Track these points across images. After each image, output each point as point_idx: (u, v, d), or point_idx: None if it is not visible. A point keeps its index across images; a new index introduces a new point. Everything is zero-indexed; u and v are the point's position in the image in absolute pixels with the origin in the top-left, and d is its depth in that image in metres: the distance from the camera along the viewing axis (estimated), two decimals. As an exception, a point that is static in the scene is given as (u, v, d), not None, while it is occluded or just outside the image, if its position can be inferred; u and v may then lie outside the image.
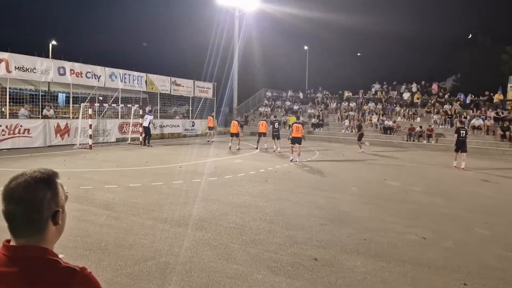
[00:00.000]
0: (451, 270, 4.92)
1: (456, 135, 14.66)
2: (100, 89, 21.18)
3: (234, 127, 18.74)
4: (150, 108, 22.97)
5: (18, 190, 1.23)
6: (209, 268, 4.74)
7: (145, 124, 19.20)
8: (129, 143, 20.14)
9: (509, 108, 25.18)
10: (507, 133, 22.00)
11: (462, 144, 14.37)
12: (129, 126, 21.15)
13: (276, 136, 17.94)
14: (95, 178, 10.26)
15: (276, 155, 17.02)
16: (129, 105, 21.10)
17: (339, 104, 31.90)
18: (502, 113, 24.32)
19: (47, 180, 1.28)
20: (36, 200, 1.23)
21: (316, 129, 28.47)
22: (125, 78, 21.87)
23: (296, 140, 15.06)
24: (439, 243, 5.93)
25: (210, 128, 22.88)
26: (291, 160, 14.77)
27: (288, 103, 34.67)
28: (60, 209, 1.30)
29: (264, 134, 19.03)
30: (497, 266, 5.09)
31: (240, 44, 33.05)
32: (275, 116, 26.93)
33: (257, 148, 19.28)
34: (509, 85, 28.02)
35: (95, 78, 20.06)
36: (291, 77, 46.48)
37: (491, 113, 24.37)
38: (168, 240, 5.68)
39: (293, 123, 16.74)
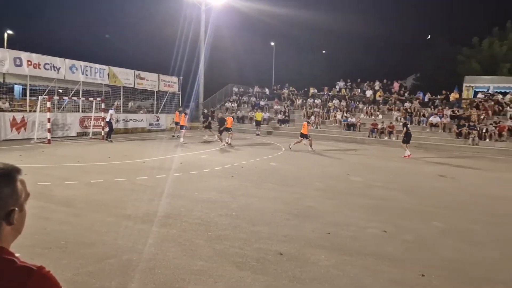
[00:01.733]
0: (410, 262, 5.10)
1: (405, 129, 17.40)
2: (59, 82, 20.39)
3: (229, 122, 19.50)
4: (118, 103, 22.37)
5: None
6: (174, 264, 4.68)
7: (107, 118, 18.69)
8: (90, 138, 19.52)
9: (464, 106, 26.36)
10: (462, 130, 23.03)
11: (410, 136, 17.63)
12: (90, 120, 20.48)
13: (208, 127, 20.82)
14: (54, 174, 9.89)
15: (235, 149, 17.03)
16: (91, 99, 20.43)
17: (304, 101, 32.28)
18: (458, 111, 25.43)
19: (6, 176, 1.21)
20: None
21: (282, 125, 28.70)
22: (86, 70, 21.15)
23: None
24: (399, 237, 6.14)
25: (176, 123, 22.49)
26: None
27: (254, 98, 34.73)
28: (17, 208, 1.22)
29: (229, 129, 19.52)
30: (453, 258, 5.33)
31: (207, 38, 32.72)
32: (213, 111, 26.66)
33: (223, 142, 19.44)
34: (464, 84, 29.34)
35: (54, 70, 19.28)
36: (258, 73, 46.52)
37: (448, 111, 25.45)
38: (131, 237, 5.56)
39: (221, 117, 20.07)
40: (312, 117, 28.23)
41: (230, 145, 18.58)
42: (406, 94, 30.19)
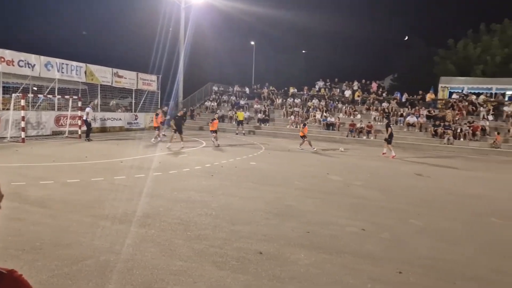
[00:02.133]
0: (387, 260, 5.18)
1: (390, 129, 17.22)
2: (34, 79, 19.85)
3: (214, 125, 19.06)
4: (94, 102, 21.94)
5: None
6: (152, 265, 4.63)
7: (84, 117, 18.33)
8: (66, 137, 19.10)
9: (440, 107, 26.98)
10: (438, 130, 23.57)
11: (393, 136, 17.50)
12: (66, 118, 20.03)
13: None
14: (28, 173, 9.63)
15: (215, 149, 16.97)
16: (67, 97, 19.98)
17: (284, 100, 32.42)
18: (434, 111, 26.02)
19: None
20: None
21: (262, 124, 28.74)
22: (62, 68, 20.66)
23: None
24: (377, 235, 6.23)
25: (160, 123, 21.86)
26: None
27: (234, 98, 34.67)
28: None
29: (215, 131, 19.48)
30: (429, 255, 5.44)
31: (187, 37, 32.44)
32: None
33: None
34: (440, 85, 30.01)
35: (29, 67, 18.76)
36: (238, 72, 46.43)
37: (424, 111, 25.99)
38: (109, 237, 5.46)
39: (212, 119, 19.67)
40: (292, 117, 28.39)
41: (218, 146, 18.01)
42: (384, 94, 30.67)
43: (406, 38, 45.42)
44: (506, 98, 27.30)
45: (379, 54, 53.63)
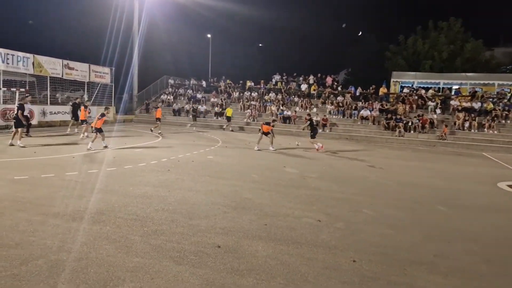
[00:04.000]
0: (342, 249, 5.37)
1: (308, 123, 17.84)
2: (-25, 70, 18.65)
3: (158, 113, 20.97)
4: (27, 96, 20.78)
5: None
6: (108, 262, 4.52)
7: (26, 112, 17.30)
8: (13, 131, 18.07)
9: (392, 100, 28.07)
10: (390, 123, 24.52)
11: (317, 131, 17.92)
12: (13, 112, 18.93)
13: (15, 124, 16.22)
14: (-29, 171, 9.06)
15: (172, 143, 16.76)
16: (13, 89, 18.91)
17: (241, 94, 32.44)
18: (386, 105, 27.02)
19: None
20: None
21: (219, 118, 28.63)
22: (7, 58, 19.54)
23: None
24: (332, 225, 6.42)
25: (157, 120, 20.94)
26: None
27: (190, 91, 34.26)
28: None
29: (159, 120, 20.97)
30: (381, 243, 5.69)
31: (141, 29, 31.59)
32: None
33: (159, 133, 20.11)
34: (392, 80, 31.19)
35: (-31, 57, 17.59)
36: (194, 65, 45.93)
37: (377, 105, 26.93)
38: (60, 236, 5.27)
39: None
40: (249, 110, 28.47)
41: (160, 134, 19.63)
42: (339, 88, 31.45)
43: (360, 33, 46.73)
44: (453, 92, 28.83)
45: (334, 49, 54.88)
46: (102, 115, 14.01)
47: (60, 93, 24.76)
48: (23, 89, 19.02)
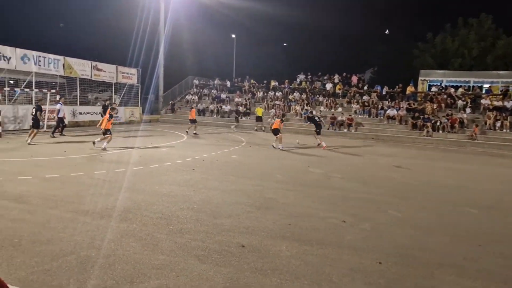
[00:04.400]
0: (367, 251, 5.29)
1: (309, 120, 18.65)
2: (10, 72, 19.35)
3: (192, 114, 20.91)
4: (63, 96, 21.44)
5: None
6: (134, 260, 4.62)
7: (60, 114, 17.87)
8: (45, 131, 18.70)
9: (419, 99, 27.46)
10: (417, 122, 24.01)
11: (321, 127, 18.37)
12: (45, 112, 19.59)
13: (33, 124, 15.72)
14: (5, 169, 9.42)
15: (196, 142, 16.91)
16: (45, 90, 19.55)
17: (265, 93, 32.45)
18: (413, 104, 26.46)
19: None
20: None
21: (243, 118, 28.73)
22: (39, 61, 20.21)
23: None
24: (357, 226, 6.34)
25: (191, 121, 20.90)
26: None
27: (215, 91, 34.52)
28: None
29: (194, 121, 20.71)
30: (408, 245, 5.58)
31: (167, 30, 32.07)
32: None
33: (194, 134, 20.24)
34: (419, 78, 30.54)
35: (4, 60, 18.29)
36: (218, 65, 46.20)
37: (404, 104, 26.41)
38: (89, 233, 5.42)
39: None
40: (273, 110, 28.44)
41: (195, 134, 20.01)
42: (364, 87, 31.01)
43: (387, 32, 45.89)
44: (483, 91, 27.97)
45: (360, 48, 54.02)
46: (111, 116, 14.19)
47: (90, 94, 25.47)
48: (53, 90, 19.67)
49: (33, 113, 14.73)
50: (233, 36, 50.71)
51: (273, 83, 33.81)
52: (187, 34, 43.04)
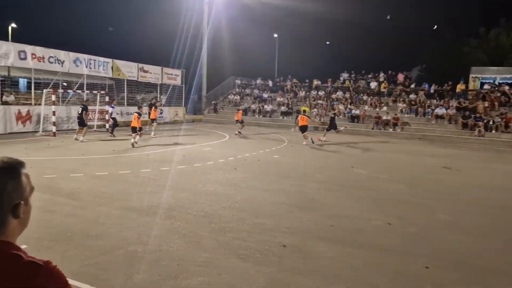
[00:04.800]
0: (414, 255, 5.11)
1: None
2: (64, 75, 20.40)
3: (239, 115, 21.16)
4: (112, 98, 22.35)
5: None
6: (178, 256, 4.72)
7: (111, 115, 18.69)
8: (94, 131, 19.60)
9: (470, 98, 26.17)
10: (468, 122, 22.90)
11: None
12: (94, 113, 20.55)
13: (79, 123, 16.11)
14: (59, 166, 9.95)
15: (238, 142, 17.03)
16: (95, 92, 20.47)
17: (308, 93, 32.18)
18: (464, 102, 25.25)
19: (11, 170, 1.21)
20: None
21: (285, 117, 28.64)
22: (90, 63, 21.17)
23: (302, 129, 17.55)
24: (403, 229, 6.15)
25: (238, 122, 21.28)
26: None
27: (257, 91, 34.65)
28: (22, 202, 1.23)
29: (241, 122, 20.97)
30: (457, 250, 5.33)
31: (209, 30, 32.59)
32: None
33: (238, 133, 20.29)
34: (471, 76, 29.12)
35: (59, 63, 19.31)
36: (260, 65, 46.37)
37: (454, 103, 25.28)
38: (136, 229, 5.61)
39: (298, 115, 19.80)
40: (316, 109, 28.15)
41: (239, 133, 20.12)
42: (411, 85, 29.98)
43: (435, 27, 44.14)
44: (540, 89, 26.22)
45: (406, 44, 52.30)
46: (139, 114, 15.00)
47: (137, 95, 26.39)
48: (103, 92, 20.53)
49: (79, 112, 15.59)
50: (275, 35, 50.71)
51: (315, 82, 33.45)
52: (229, 35, 43.50)
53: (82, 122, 15.58)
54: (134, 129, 14.56)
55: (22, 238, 1.27)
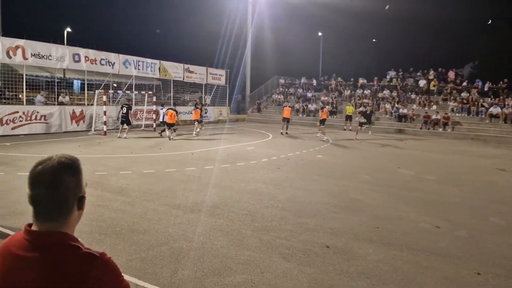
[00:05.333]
0: (464, 260, 4.88)
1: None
2: (114, 76, 21.29)
3: (286, 112, 20.94)
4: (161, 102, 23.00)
5: (46, 174, 1.24)
6: (222, 254, 4.79)
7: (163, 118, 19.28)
8: (142, 130, 20.30)
9: (528, 96, 24.58)
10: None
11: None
12: (143, 113, 21.30)
13: (125, 121, 16.77)
14: (109, 164, 10.39)
15: (281, 141, 16.98)
16: (143, 92, 21.20)
17: (353, 92, 31.55)
18: (522, 101, 23.75)
19: (73, 166, 1.30)
20: (64, 184, 1.25)
21: (329, 117, 28.22)
22: (138, 65, 21.94)
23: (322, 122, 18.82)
24: (452, 232, 5.88)
25: (285, 119, 21.09)
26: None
27: (301, 90, 34.42)
28: (85, 195, 1.32)
29: (288, 120, 20.79)
30: (511, 256, 5.04)
31: (253, 30, 32.77)
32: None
33: (282, 133, 20.39)
34: (529, 72, 27.32)
35: (109, 65, 20.17)
36: (304, 64, 46.03)
37: (510, 101, 23.83)
38: (181, 225, 5.75)
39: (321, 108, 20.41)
40: (361, 108, 27.54)
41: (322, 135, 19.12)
42: (463, 83, 28.60)
43: (489, 22, 41.85)
44: None
45: (458, 40, 49.93)
46: (177, 112, 17.04)
47: (185, 95, 27.05)
48: (150, 92, 21.21)
49: (124, 112, 16.54)
50: (320, 34, 50.13)
51: (361, 80, 32.73)
52: (273, 34, 43.49)
53: (127, 121, 16.55)
54: (169, 125, 16.69)
55: (75, 231, 1.34)
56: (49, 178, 1.24)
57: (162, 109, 19.39)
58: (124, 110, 16.59)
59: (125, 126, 16.54)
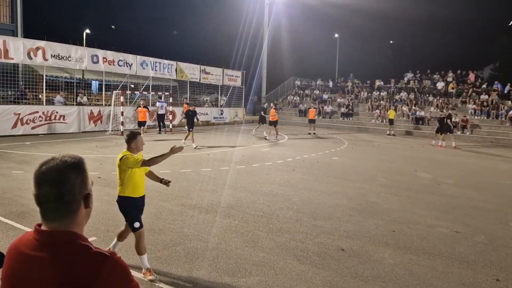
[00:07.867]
0: (483, 265, 4.79)
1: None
2: (131, 77, 21.56)
3: (312, 113, 21.95)
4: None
5: (51, 174, 1.26)
6: (236, 255, 4.80)
7: (160, 111, 19.51)
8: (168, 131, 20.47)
9: (551, 98, 23.96)
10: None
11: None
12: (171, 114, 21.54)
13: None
14: (126, 164, 10.49)
15: (296, 143, 16.92)
16: (160, 93, 21.41)
17: (369, 93, 31.26)
18: (543, 104, 23.17)
19: (77, 165, 1.32)
20: (69, 183, 1.26)
21: (346, 119, 28.05)
22: (155, 66, 22.17)
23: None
24: (471, 237, 5.77)
25: (310, 121, 21.80)
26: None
27: (317, 91, 34.26)
28: (91, 193, 1.33)
29: (314, 121, 21.83)
30: (533, 263, 4.91)
31: (270, 31, 32.77)
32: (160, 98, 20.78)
33: (309, 133, 21.31)
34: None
35: (127, 66, 20.43)
36: (320, 65, 45.75)
37: (531, 104, 23.27)
38: (196, 226, 5.78)
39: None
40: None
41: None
42: (483, 85, 28.03)
43: (510, 23, 40.96)
44: None
45: (478, 42, 49.03)
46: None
47: (203, 96, 27.22)
48: (167, 93, 21.40)
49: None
50: (336, 35, 49.81)
51: (378, 82, 32.39)
52: (290, 35, 43.42)
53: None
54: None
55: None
56: (54, 177, 1.26)
57: (163, 102, 20.02)
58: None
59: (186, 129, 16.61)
